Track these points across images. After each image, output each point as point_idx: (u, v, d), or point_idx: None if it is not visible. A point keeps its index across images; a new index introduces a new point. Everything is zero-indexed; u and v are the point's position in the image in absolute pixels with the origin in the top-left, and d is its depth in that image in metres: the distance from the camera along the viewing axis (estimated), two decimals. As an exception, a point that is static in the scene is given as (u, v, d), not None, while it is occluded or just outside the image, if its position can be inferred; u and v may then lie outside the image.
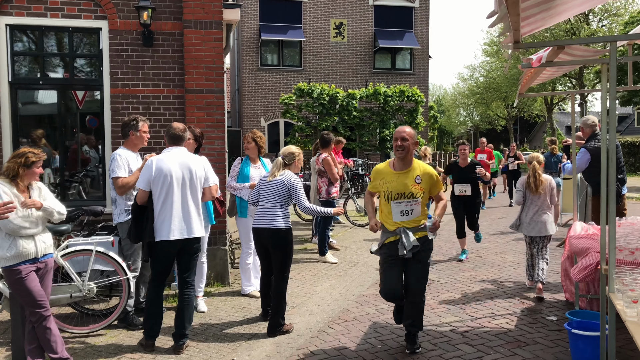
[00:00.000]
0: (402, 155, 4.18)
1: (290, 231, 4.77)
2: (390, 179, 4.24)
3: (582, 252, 4.12)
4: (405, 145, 4.15)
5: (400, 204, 4.17)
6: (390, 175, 4.26)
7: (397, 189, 4.18)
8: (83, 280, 4.54)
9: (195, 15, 6.09)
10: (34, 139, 6.14)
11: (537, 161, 5.85)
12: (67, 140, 6.39)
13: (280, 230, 4.68)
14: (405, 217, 4.19)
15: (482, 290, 6.09)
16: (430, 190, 4.29)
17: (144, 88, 6.15)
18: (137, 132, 4.87)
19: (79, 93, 6.31)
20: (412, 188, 4.16)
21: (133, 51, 6.10)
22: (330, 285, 6.41)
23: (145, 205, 4.26)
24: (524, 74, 4.37)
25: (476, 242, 8.21)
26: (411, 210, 4.18)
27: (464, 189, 7.44)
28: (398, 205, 4.17)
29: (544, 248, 5.91)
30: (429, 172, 4.28)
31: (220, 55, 6.19)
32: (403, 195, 4.16)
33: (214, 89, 6.18)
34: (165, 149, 4.40)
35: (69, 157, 6.43)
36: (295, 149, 4.96)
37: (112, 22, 6.03)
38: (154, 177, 4.20)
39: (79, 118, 6.41)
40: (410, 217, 4.19)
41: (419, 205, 4.20)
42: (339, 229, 10.51)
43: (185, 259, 4.37)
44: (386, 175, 4.28)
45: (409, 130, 4.19)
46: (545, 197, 5.81)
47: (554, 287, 6.12)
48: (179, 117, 6.20)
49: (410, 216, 4.19)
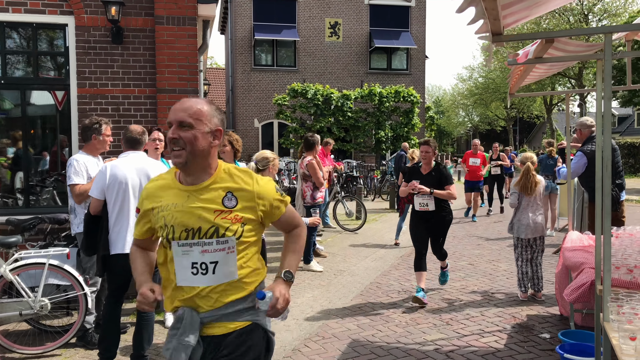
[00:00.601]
0: (182, 161, 2.00)
1: (262, 241, 4.41)
2: (172, 202, 2.07)
3: (575, 267, 3.77)
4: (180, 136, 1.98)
5: (190, 250, 2.03)
6: (172, 195, 2.08)
7: (183, 220, 2.03)
8: (35, 296, 4.19)
9: (167, 11, 5.75)
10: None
11: (531, 161, 5.68)
12: (35, 142, 6.04)
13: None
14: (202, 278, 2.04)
15: (472, 302, 5.73)
16: (267, 217, 2.16)
17: (113, 88, 5.80)
18: (100, 136, 4.51)
19: (58, 93, 5.96)
20: (215, 218, 2.03)
21: (101, 49, 5.76)
22: (312, 297, 6.05)
23: (100, 215, 3.91)
24: (512, 71, 4.02)
25: (441, 284, 6.32)
26: (214, 264, 2.03)
27: (426, 202, 5.61)
28: (186, 253, 2.04)
29: (540, 252, 5.74)
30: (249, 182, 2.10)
31: (194, 53, 5.84)
32: (195, 233, 2.03)
33: (188, 89, 5.84)
34: (122, 153, 4.04)
35: (50, 160, 6.10)
36: (269, 153, 4.62)
37: (79, 17, 5.68)
38: (108, 184, 3.84)
39: (59, 120, 6.04)
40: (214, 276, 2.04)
41: (234, 253, 2.05)
42: (328, 234, 10.15)
43: (143, 274, 4.00)
44: (165, 196, 2.09)
45: (198, 107, 2.01)
46: (540, 197, 5.70)
47: (548, 299, 5.76)
48: (150, 118, 5.85)
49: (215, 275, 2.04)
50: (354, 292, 6.27)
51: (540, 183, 5.68)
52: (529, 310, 5.40)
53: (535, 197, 5.67)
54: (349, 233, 10.23)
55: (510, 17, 2.49)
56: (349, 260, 7.94)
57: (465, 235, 10.08)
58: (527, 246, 5.73)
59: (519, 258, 5.76)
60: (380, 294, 6.16)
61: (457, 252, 8.39)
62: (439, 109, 62.36)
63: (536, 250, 5.74)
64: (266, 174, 4.56)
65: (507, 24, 2.55)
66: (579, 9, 33.69)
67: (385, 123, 19.72)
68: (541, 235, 5.71)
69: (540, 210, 5.73)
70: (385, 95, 19.46)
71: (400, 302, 5.77)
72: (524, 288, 5.77)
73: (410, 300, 5.76)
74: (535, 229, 5.64)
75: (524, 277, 5.75)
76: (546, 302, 5.66)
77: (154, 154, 4.88)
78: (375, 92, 19.42)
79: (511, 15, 2.47)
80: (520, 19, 2.59)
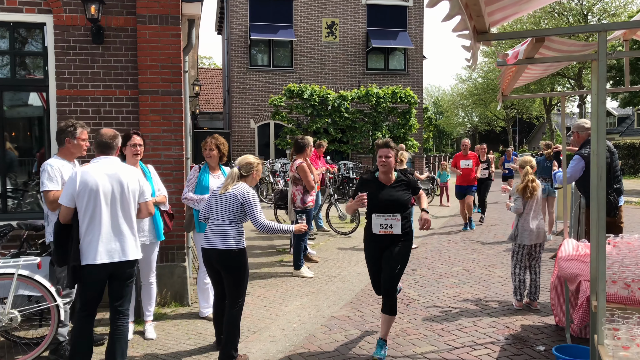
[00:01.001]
0: None
1: (243, 252, 4.20)
2: None
3: (571, 278, 3.57)
4: None
5: None
6: None
7: None
8: (4, 308, 3.99)
9: (149, 10, 5.54)
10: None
11: (531, 165, 5.53)
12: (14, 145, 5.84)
13: (231, 251, 4.12)
14: None
15: (465, 311, 5.53)
16: None
17: (93, 89, 5.60)
18: (75, 140, 4.31)
19: (45, 95, 5.75)
20: None
21: (81, 49, 5.55)
22: (300, 305, 5.86)
23: (70, 224, 3.71)
24: (504, 72, 3.81)
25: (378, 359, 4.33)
26: None
27: (389, 222, 4.23)
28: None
29: (539, 260, 5.60)
30: None
31: (177, 53, 5.64)
32: None
33: (171, 90, 5.63)
34: (94, 159, 3.84)
35: (34, 163, 5.90)
36: (253, 159, 4.39)
37: (58, 16, 5.48)
38: (79, 191, 3.65)
39: (41, 122, 5.83)
40: None
41: None
42: (322, 238, 9.95)
43: (116, 286, 3.81)
44: None
45: None
46: (538, 202, 5.56)
47: (543, 307, 5.57)
48: (132, 120, 5.65)
49: None
50: (344, 299, 6.08)
51: (538, 187, 5.55)
52: (524, 320, 5.21)
53: (537, 200, 5.54)
54: (342, 236, 10.03)
55: (497, 14, 2.29)
56: (340, 266, 7.74)
57: (461, 239, 9.89)
58: (527, 253, 5.57)
59: (517, 265, 5.58)
60: (370, 301, 5.96)
61: (452, 257, 8.19)
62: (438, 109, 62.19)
63: (535, 257, 5.57)
64: (249, 180, 4.35)
65: (494, 21, 2.35)
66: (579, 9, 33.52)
67: (382, 124, 19.53)
68: (542, 242, 5.57)
69: (541, 215, 5.61)
70: (382, 96, 19.26)
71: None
72: (519, 296, 5.58)
73: (401, 309, 5.56)
74: (538, 235, 5.50)
75: (521, 285, 5.56)
76: (542, 311, 5.46)
77: (133, 160, 4.68)
78: (372, 92, 19.22)
79: (499, 12, 2.27)
80: (509, 15, 2.39)
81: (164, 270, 5.68)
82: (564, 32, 2.36)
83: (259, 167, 4.41)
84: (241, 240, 4.20)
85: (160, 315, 5.42)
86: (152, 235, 4.84)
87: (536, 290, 5.52)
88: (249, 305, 5.79)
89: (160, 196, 4.89)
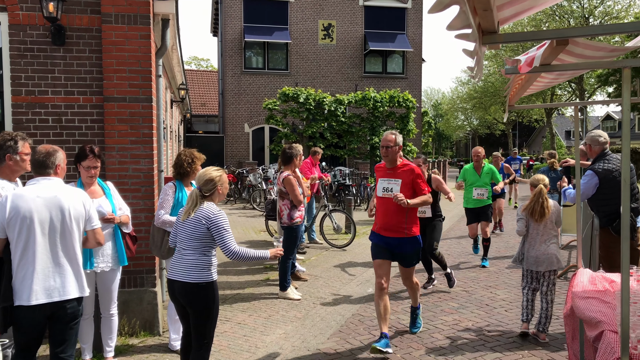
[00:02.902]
0: None
1: (210, 286, 3.62)
2: None
3: (592, 324, 3.02)
4: None
5: None
6: None
7: None
8: None
9: (116, 8, 5.00)
10: None
11: (544, 184, 4.96)
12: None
13: (197, 285, 3.55)
14: None
15: (465, 344, 4.97)
16: None
17: (54, 96, 5.05)
18: (17, 155, 3.74)
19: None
20: None
21: (40, 51, 5.00)
22: (284, 334, 5.30)
23: (1, 258, 3.16)
24: (512, 80, 3.27)
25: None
26: None
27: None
28: None
29: (551, 285, 5.00)
30: None
31: (147, 56, 5.09)
32: None
33: (140, 97, 5.08)
34: (30, 180, 3.29)
35: None
36: (214, 173, 3.68)
37: (13, 14, 4.93)
38: (9, 219, 3.09)
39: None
40: None
41: None
42: (314, 251, 9.38)
43: (57, 329, 3.25)
44: None
45: None
46: (551, 224, 4.97)
47: (552, 340, 5.01)
48: (97, 130, 5.10)
49: None
50: (333, 327, 5.52)
51: (551, 210, 4.94)
52: (531, 356, 4.64)
53: (547, 224, 4.95)
54: (336, 250, 9.47)
55: (507, 9, 1.75)
56: (332, 285, 7.18)
57: (461, 253, 9.32)
58: (535, 277, 5.03)
59: (526, 286, 5.08)
60: (361, 330, 5.41)
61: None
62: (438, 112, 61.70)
63: (545, 283, 4.99)
64: (215, 198, 3.74)
65: (503, 18, 1.81)
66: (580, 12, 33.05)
67: (379, 128, 18.98)
68: (555, 269, 4.97)
69: (553, 240, 4.98)
70: (380, 99, 18.73)
71: (382, 343, 5.01)
72: (525, 317, 5.05)
73: (394, 342, 5.01)
74: (548, 262, 4.92)
75: (529, 305, 5.04)
76: (551, 345, 4.90)
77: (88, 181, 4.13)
78: (370, 96, 18.68)
79: (509, 6, 1.73)
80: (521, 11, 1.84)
81: (132, 296, 5.13)
82: (593, 32, 1.83)
83: (223, 178, 3.74)
84: (209, 273, 3.62)
85: (126, 348, 4.86)
86: (113, 261, 4.28)
87: (546, 321, 4.96)
88: (228, 334, 5.23)
89: (124, 216, 4.34)
